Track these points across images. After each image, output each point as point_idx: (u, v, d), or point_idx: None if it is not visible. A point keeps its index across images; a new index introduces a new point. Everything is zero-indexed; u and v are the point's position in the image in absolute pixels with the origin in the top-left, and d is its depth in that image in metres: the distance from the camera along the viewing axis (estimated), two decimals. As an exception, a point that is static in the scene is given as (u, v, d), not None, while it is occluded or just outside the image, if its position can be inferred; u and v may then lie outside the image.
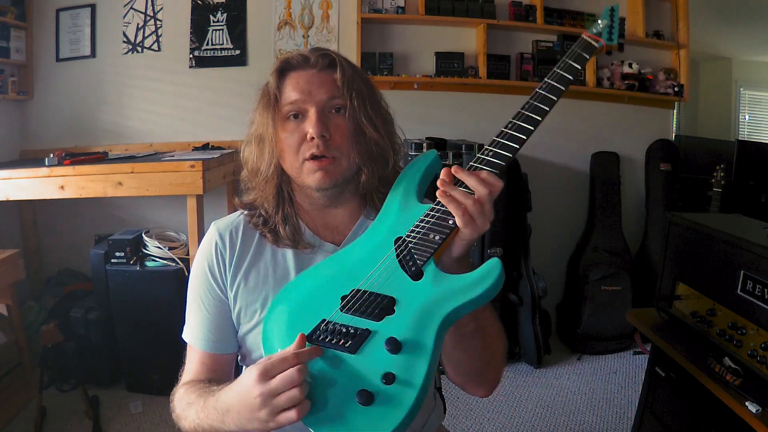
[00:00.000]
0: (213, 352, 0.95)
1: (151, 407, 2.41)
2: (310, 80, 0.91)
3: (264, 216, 0.97)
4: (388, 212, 0.87)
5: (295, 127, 0.91)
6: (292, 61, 0.94)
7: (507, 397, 2.56)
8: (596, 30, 0.93)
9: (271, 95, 0.93)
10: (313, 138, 0.88)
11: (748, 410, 1.13)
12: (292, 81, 0.92)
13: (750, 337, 1.24)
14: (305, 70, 0.93)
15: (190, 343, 0.97)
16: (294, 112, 0.91)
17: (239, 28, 3.10)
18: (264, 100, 0.94)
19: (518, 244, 2.88)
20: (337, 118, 0.91)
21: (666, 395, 1.56)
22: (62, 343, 2.30)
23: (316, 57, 0.93)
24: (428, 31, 3.18)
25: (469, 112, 3.25)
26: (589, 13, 3.21)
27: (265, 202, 0.97)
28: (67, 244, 3.14)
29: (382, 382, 0.67)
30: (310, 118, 0.89)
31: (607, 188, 3.21)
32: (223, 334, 0.95)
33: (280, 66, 0.94)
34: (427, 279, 0.76)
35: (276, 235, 0.95)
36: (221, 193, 3.06)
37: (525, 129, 0.89)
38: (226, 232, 0.97)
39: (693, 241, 1.50)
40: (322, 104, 0.90)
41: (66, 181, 2.36)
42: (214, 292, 0.95)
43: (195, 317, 0.97)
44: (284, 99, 0.92)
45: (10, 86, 2.95)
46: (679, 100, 3.31)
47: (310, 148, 0.89)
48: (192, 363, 0.97)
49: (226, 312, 0.95)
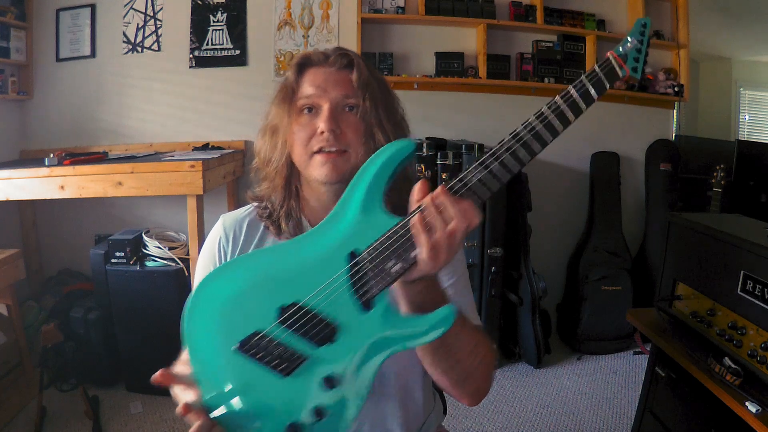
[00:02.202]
0: None
1: (151, 407, 2.41)
2: (326, 77, 0.93)
3: (269, 209, 0.99)
4: (348, 209, 0.73)
5: (308, 120, 0.93)
6: (312, 58, 0.96)
7: (507, 397, 2.56)
8: (623, 50, 0.75)
9: (289, 88, 0.96)
10: (323, 132, 0.90)
11: (748, 410, 1.13)
12: (309, 76, 0.95)
13: (750, 337, 1.24)
14: (324, 67, 0.95)
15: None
16: (308, 106, 0.93)
17: (239, 28, 3.10)
18: (282, 93, 0.97)
19: (518, 244, 2.88)
20: (349, 116, 0.93)
21: (666, 395, 1.56)
22: (62, 343, 2.30)
23: (336, 56, 0.95)
24: (428, 31, 3.18)
25: (469, 112, 3.25)
26: (588, 13, 3.21)
27: (273, 193, 0.99)
28: (67, 244, 3.14)
29: (314, 416, 0.67)
30: (323, 113, 0.91)
31: (607, 188, 3.21)
32: None
33: (300, 61, 0.97)
34: (377, 313, 0.70)
35: (278, 228, 0.97)
36: (221, 193, 3.06)
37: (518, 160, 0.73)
38: (230, 227, 1.00)
39: (693, 241, 1.50)
40: (335, 101, 0.92)
41: (66, 181, 2.36)
42: None
43: None
44: (300, 93, 0.94)
45: (10, 86, 2.96)
46: (679, 100, 3.31)
47: (319, 141, 0.91)
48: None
49: None
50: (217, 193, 2.99)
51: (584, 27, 3.20)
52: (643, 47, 0.76)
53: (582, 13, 3.21)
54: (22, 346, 2.43)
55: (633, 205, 3.38)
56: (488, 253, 2.75)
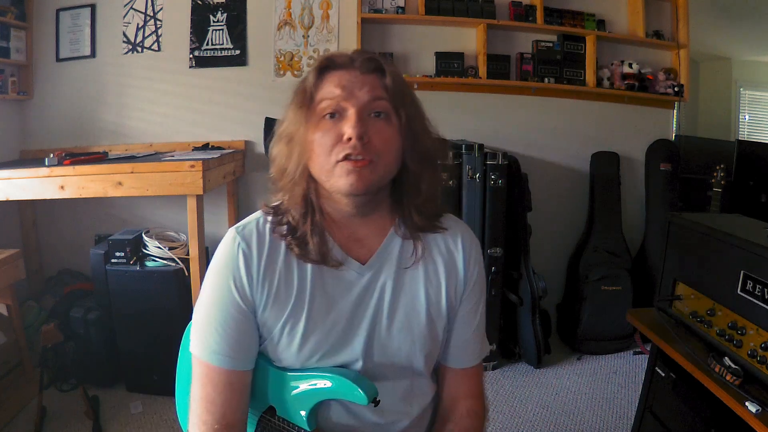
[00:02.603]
0: (240, 369, 0.89)
1: (151, 407, 2.41)
2: (352, 80, 0.86)
3: (291, 223, 0.90)
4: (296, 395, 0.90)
5: (331, 126, 0.84)
6: (336, 60, 0.88)
7: (507, 397, 2.56)
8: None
9: (307, 93, 0.87)
10: (350, 139, 0.82)
11: (748, 410, 1.13)
12: (333, 79, 0.86)
13: (750, 337, 1.24)
14: (348, 70, 0.87)
15: (205, 360, 0.88)
16: (331, 111, 0.84)
17: (239, 28, 3.10)
18: (299, 98, 0.88)
19: (518, 244, 2.88)
20: (377, 122, 0.85)
21: (666, 395, 1.56)
22: (62, 343, 2.30)
23: (361, 60, 0.87)
24: (428, 31, 3.18)
25: (469, 112, 3.25)
26: (588, 13, 3.21)
27: (292, 207, 0.90)
28: (67, 244, 3.14)
29: None
30: (349, 118, 0.83)
31: (607, 188, 3.21)
32: (250, 351, 0.90)
33: (322, 63, 0.89)
34: None
35: (304, 248, 0.88)
36: (221, 193, 3.06)
37: None
38: (252, 239, 0.89)
39: (693, 241, 1.50)
40: (363, 105, 0.84)
41: (66, 181, 2.36)
42: (239, 308, 0.88)
43: (217, 334, 0.88)
44: (321, 95, 0.86)
45: (10, 86, 2.95)
46: (679, 100, 3.31)
47: (345, 149, 0.82)
48: (214, 386, 0.88)
49: (252, 327, 0.89)
50: (217, 193, 2.99)
51: (584, 27, 3.20)
52: None
53: (582, 13, 3.21)
54: (22, 346, 2.43)
55: (633, 205, 3.38)
56: (488, 253, 2.75)
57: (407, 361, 0.93)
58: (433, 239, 0.97)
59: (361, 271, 0.91)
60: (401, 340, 0.92)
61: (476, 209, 2.72)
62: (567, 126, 3.31)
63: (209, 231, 2.57)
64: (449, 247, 0.97)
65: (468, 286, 0.98)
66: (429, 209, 0.93)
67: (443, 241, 0.97)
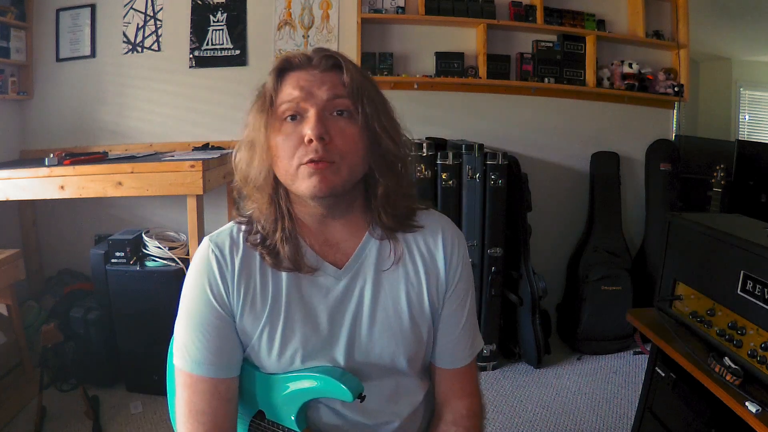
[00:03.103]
0: (225, 377, 0.87)
1: (151, 407, 2.41)
2: (311, 79, 0.84)
3: (262, 233, 0.88)
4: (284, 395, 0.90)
5: (292, 129, 0.83)
6: (292, 61, 0.86)
7: (507, 397, 2.56)
8: None
9: (267, 96, 0.86)
10: (311, 141, 0.80)
11: (748, 410, 1.13)
12: (291, 80, 0.85)
13: (750, 337, 1.24)
14: (307, 70, 0.85)
15: (189, 370, 0.87)
16: (291, 113, 0.83)
17: (239, 28, 3.10)
18: (259, 102, 0.87)
19: (518, 244, 2.88)
20: (339, 121, 0.83)
21: (666, 395, 1.56)
22: (62, 343, 2.30)
23: (319, 57, 0.85)
24: (428, 31, 3.19)
25: (469, 112, 3.25)
26: (588, 13, 3.21)
27: (261, 215, 0.89)
28: (67, 244, 3.14)
29: None
30: (309, 119, 0.81)
31: (607, 188, 3.21)
32: (232, 358, 0.88)
33: (279, 65, 0.87)
34: None
35: (276, 257, 0.86)
36: (221, 193, 3.06)
37: None
38: (225, 246, 0.89)
39: (693, 241, 1.50)
40: (322, 104, 0.82)
41: (66, 181, 2.36)
42: (218, 314, 0.86)
43: (198, 344, 0.86)
44: (281, 99, 0.84)
45: (10, 86, 2.96)
46: (679, 100, 3.31)
47: (307, 152, 0.80)
48: (200, 396, 0.86)
49: (232, 333, 0.88)
50: (217, 193, 2.99)
51: (584, 27, 3.20)
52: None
53: (582, 13, 3.21)
54: (22, 346, 2.43)
55: (633, 205, 3.38)
56: (488, 253, 2.75)
57: (391, 363, 0.92)
58: (413, 238, 0.94)
59: (338, 276, 0.89)
60: (383, 344, 0.90)
61: (476, 209, 2.72)
62: (567, 126, 3.31)
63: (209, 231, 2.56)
64: (429, 246, 0.94)
65: (450, 286, 0.94)
66: (398, 208, 0.90)
67: (423, 239, 0.94)
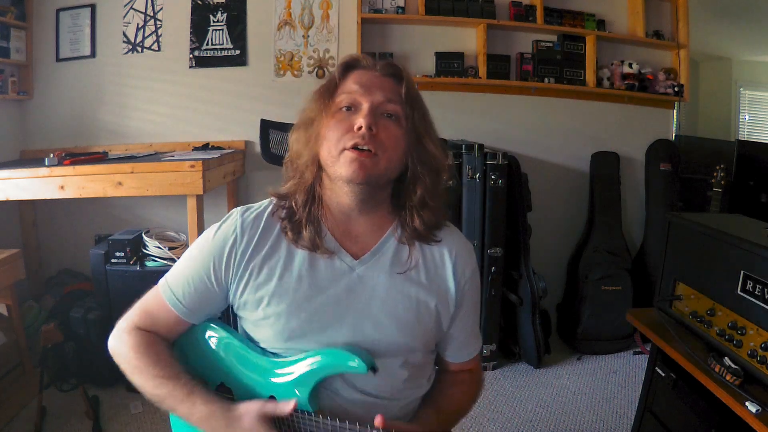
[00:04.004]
0: (180, 316, 1.01)
1: (151, 407, 2.39)
2: (371, 79, 0.94)
3: (292, 208, 0.96)
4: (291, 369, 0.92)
5: (345, 117, 0.92)
6: (360, 60, 0.98)
7: (507, 397, 2.56)
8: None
9: (331, 84, 0.96)
10: (360, 128, 0.88)
11: (748, 410, 1.13)
12: (354, 76, 0.95)
13: (750, 337, 1.24)
14: (370, 70, 0.96)
15: (162, 293, 1.02)
16: (347, 104, 0.92)
17: (239, 28, 3.10)
18: (322, 88, 0.96)
19: (518, 244, 2.88)
20: (387, 121, 0.92)
21: (666, 395, 1.56)
22: (62, 343, 2.30)
23: (383, 64, 0.97)
24: (428, 31, 3.18)
25: (469, 112, 3.25)
26: (588, 13, 3.21)
27: (298, 191, 0.96)
28: (67, 244, 3.14)
29: None
30: (362, 111, 0.90)
31: (607, 188, 3.21)
32: (196, 307, 1.00)
33: (347, 61, 0.98)
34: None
35: (297, 234, 0.94)
36: (221, 193, 3.06)
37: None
38: (248, 223, 0.97)
39: (693, 241, 1.50)
40: (377, 103, 0.92)
41: (66, 181, 2.36)
42: (208, 273, 0.97)
43: (180, 278, 1.01)
44: (341, 89, 0.94)
45: (10, 86, 2.96)
46: (679, 100, 3.31)
47: (353, 138, 0.89)
48: (150, 310, 1.04)
49: (210, 293, 0.98)
50: (217, 193, 3.00)
51: (584, 27, 3.20)
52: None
53: (582, 13, 3.21)
54: (22, 346, 2.43)
55: (633, 205, 3.38)
56: (488, 253, 2.75)
57: (395, 351, 0.95)
58: (429, 250, 0.99)
59: (354, 265, 0.95)
60: (389, 333, 0.94)
61: (476, 209, 2.72)
62: (567, 126, 3.31)
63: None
64: (443, 258, 1.00)
65: (460, 303, 1.01)
66: (429, 216, 0.97)
67: (439, 253, 0.99)
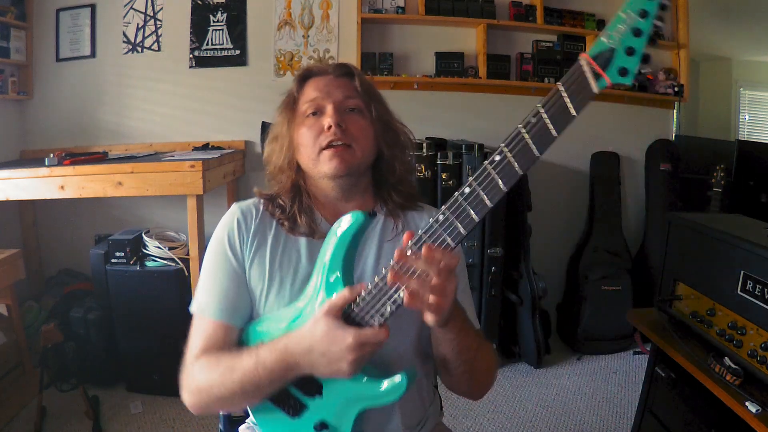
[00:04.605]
0: (225, 321, 0.95)
1: (151, 407, 2.41)
2: (328, 83, 1.02)
3: (282, 206, 1.03)
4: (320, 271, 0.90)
5: (314, 122, 0.99)
6: (312, 69, 1.06)
7: (507, 397, 2.56)
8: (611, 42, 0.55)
9: (291, 98, 1.04)
10: (330, 127, 0.96)
11: (748, 410, 1.13)
12: (312, 84, 1.03)
13: (750, 337, 1.24)
14: (324, 76, 1.03)
15: (200, 312, 0.97)
16: (313, 110, 1.00)
17: (239, 28, 3.10)
18: (285, 103, 1.05)
19: (518, 244, 2.88)
20: (352, 115, 1.00)
21: (666, 395, 1.56)
22: (62, 343, 2.30)
23: (333, 67, 1.05)
24: (428, 31, 3.18)
25: (469, 112, 3.25)
26: (588, 13, 3.21)
27: (282, 192, 1.04)
28: (67, 244, 3.14)
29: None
30: (328, 112, 0.98)
31: (607, 188, 3.21)
32: (235, 304, 0.97)
33: (302, 74, 1.06)
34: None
35: (294, 223, 1.00)
36: (221, 193, 3.06)
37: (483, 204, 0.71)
38: (247, 211, 1.03)
39: (693, 241, 1.50)
40: (338, 102, 0.99)
41: (66, 181, 2.36)
42: (230, 263, 0.98)
43: (208, 287, 0.98)
44: (303, 100, 1.02)
45: (10, 86, 2.96)
46: (679, 100, 3.31)
47: (327, 137, 0.96)
48: (201, 334, 0.96)
49: (241, 283, 0.98)
50: (217, 193, 2.99)
51: (584, 27, 3.20)
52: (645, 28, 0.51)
53: (582, 13, 3.21)
54: (22, 346, 2.43)
55: (633, 205, 3.38)
56: (488, 253, 2.75)
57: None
58: (412, 217, 1.07)
59: None
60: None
61: (476, 209, 2.72)
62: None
63: (209, 231, 2.56)
64: (427, 222, 1.00)
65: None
66: (405, 188, 1.06)
67: (420, 217, 1.07)
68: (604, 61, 0.55)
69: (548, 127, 0.61)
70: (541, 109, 0.61)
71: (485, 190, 0.69)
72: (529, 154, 0.64)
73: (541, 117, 0.61)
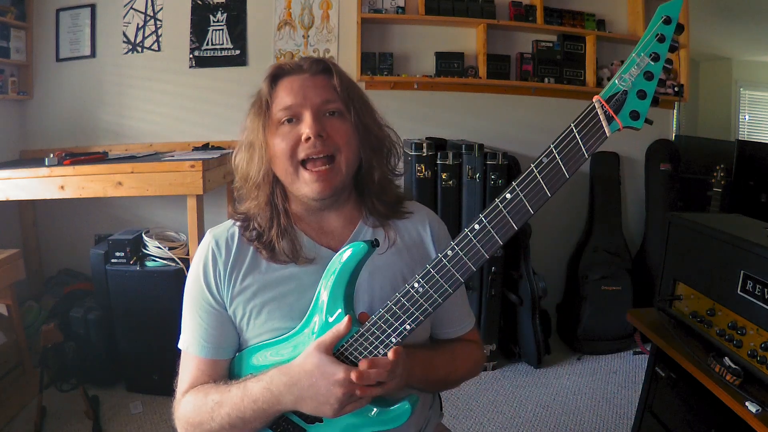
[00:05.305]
0: (209, 358, 0.93)
1: (151, 407, 2.41)
2: (303, 84, 0.91)
3: (258, 230, 0.94)
4: (318, 309, 0.88)
5: (289, 130, 0.90)
6: (284, 67, 0.94)
7: (507, 397, 2.56)
8: (623, 84, 0.53)
9: (263, 101, 0.93)
10: (309, 138, 0.87)
11: (748, 410, 1.13)
12: (285, 86, 0.92)
13: (750, 337, 1.24)
14: (298, 74, 0.92)
15: (185, 350, 0.95)
16: (288, 117, 0.90)
17: (239, 28, 3.10)
18: (255, 107, 0.94)
19: (518, 244, 2.88)
20: (333, 120, 0.90)
21: (666, 395, 1.56)
22: (62, 343, 2.30)
23: (309, 63, 0.93)
24: (428, 31, 3.18)
25: (469, 112, 3.25)
26: (588, 13, 3.21)
27: (258, 213, 0.95)
28: (67, 244, 3.14)
29: None
30: (306, 120, 0.88)
31: (607, 188, 3.21)
32: (218, 340, 0.93)
33: (272, 72, 0.94)
34: None
35: (272, 251, 0.92)
36: (221, 193, 3.06)
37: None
38: (222, 238, 0.95)
39: (693, 241, 1.50)
40: (317, 107, 0.89)
41: (66, 181, 2.36)
42: (207, 299, 0.93)
43: (190, 324, 0.95)
44: (277, 104, 0.91)
45: (10, 86, 2.96)
46: (679, 100, 3.31)
47: (305, 149, 0.88)
48: (188, 370, 0.94)
49: (220, 318, 0.93)
50: (217, 193, 2.99)
51: (584, 27, 3.20)
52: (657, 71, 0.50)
53: (582, 13, 3.21)
54: (22, 346, 2.43)
55: (633, 205, 3.38)
56: (488, 253, 2.75)
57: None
58: (403, 226, 1.00)
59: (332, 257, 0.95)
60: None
61: (476, 209, 2.72)
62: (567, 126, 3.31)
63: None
64: (419, 232, 1.01)
65: None
66: (388, 196, 0.98)
67: (413, 226, 1.01)
68: (617, 104, 0.55)
69: (562, 169, 0.62)
70: (554, 150, 0.62)
71: (495, 228, 0.74)
72: (541, 194, 0.66)
73: (554, 158, 0.62)
